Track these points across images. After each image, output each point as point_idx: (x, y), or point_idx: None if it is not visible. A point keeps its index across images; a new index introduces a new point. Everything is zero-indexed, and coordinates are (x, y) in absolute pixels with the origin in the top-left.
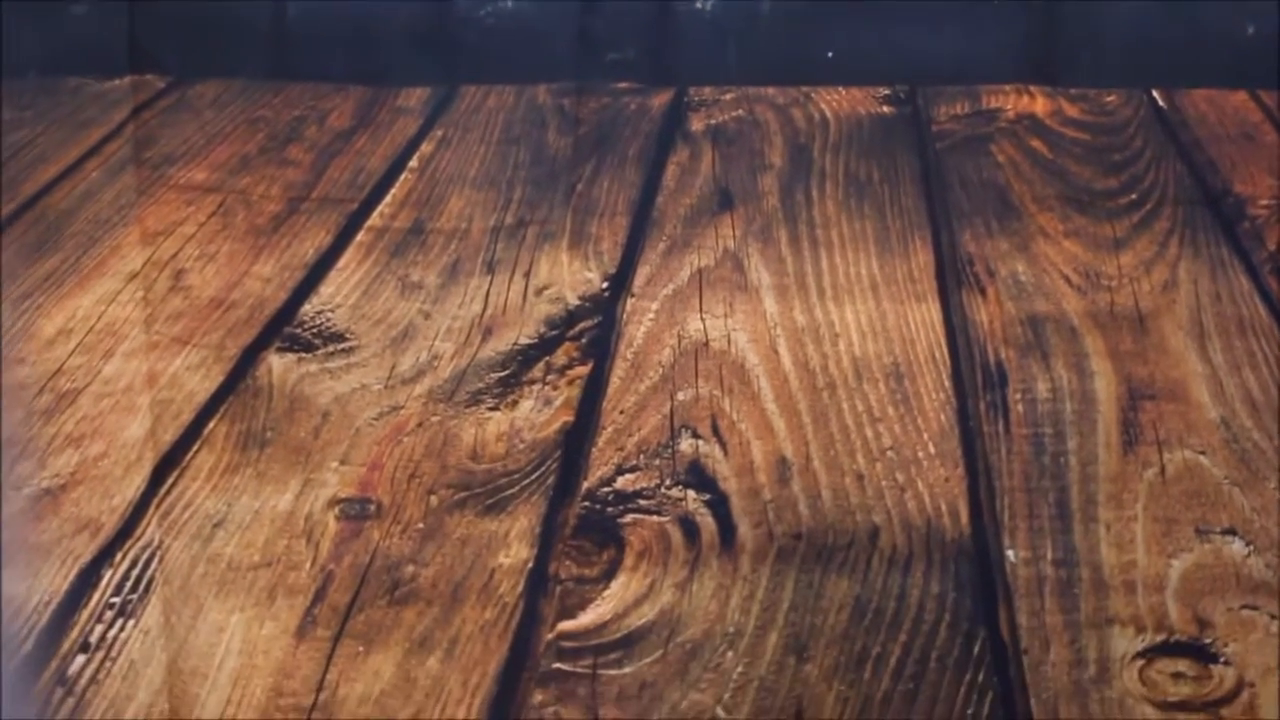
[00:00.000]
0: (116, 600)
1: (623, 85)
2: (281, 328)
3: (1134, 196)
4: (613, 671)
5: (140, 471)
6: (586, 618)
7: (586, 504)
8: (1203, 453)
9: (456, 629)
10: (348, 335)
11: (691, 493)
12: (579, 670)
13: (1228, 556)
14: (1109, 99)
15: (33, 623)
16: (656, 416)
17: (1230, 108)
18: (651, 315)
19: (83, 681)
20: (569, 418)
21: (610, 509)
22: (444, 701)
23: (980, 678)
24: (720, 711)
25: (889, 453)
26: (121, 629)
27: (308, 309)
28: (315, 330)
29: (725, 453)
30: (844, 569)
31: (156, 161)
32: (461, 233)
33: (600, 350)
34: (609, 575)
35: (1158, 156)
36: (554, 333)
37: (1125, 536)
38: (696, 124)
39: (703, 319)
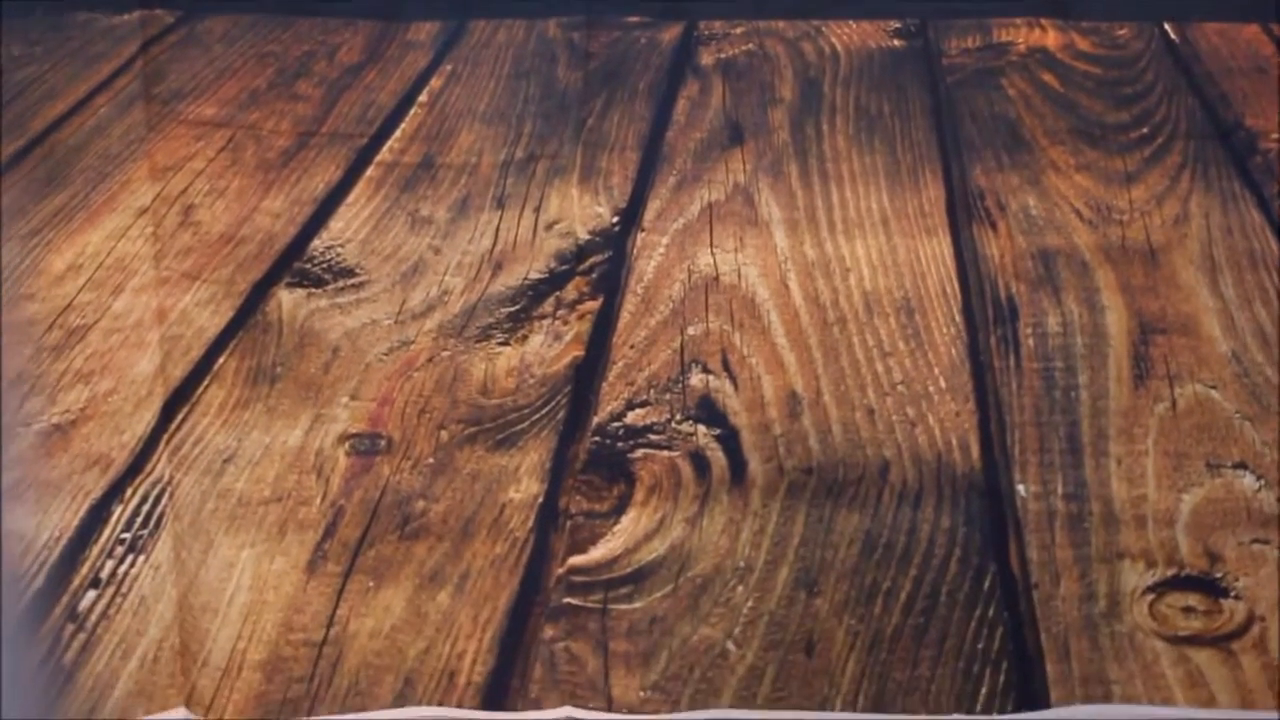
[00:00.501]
0: (127, 536)
1: (633, 19)
2: (291, 263)
3: (1145, 130)
4: (623, 606)
5: (150, 407)
6: (597, 552)
7: (597, 439)
8: (1214, 387)
9: (467, 564)
10: (358, 270)
11: (702, 427)
12: (589, 605)
13: (1238, 491)
14: (1120, 32)
15: (43, 559)
16: (667, 351)
17: (1242, 41)
18: (662, 250)
19: (93, 617)
20: (579, 352)
21: (620, 444)
22: (454, 636)
23: (990, 612)
24: (730, 645)
25: (899, 387)
26: (132, 565)
27: (317, 244)
28: (325, 265)
29: (735, 387)
30: (854, 504)
31: (166, 97)
32: (471, 167)
33: (610, 285)
34: (619, 510)
35: (1169, 90)
36: (564, 267)
37: (1136, 471)
38: (706, 58)
39: (713, 253)
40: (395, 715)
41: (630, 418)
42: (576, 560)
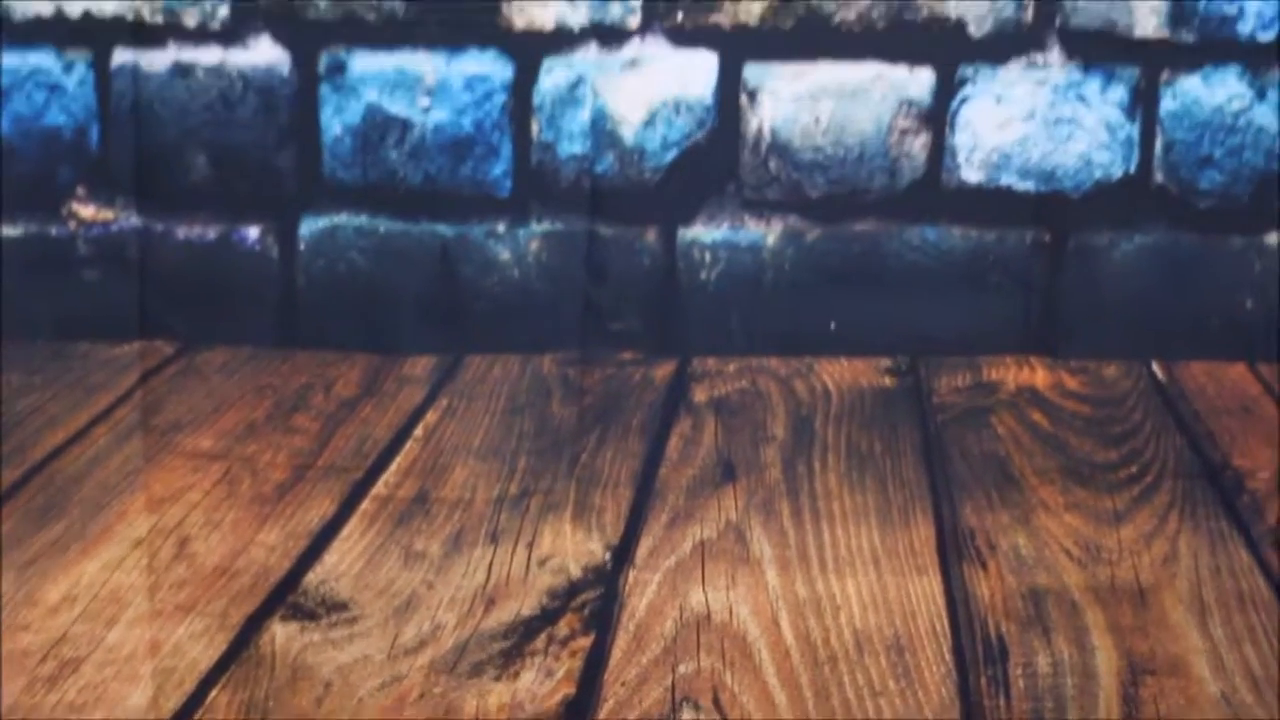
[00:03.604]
0: None
1: (627, 355)
2: (285, 596)
3: (1134, 469)
4: None
5: None
6: None
7: None
8: None
9: None
10: (351, 605)
11: None
12: None
13: None
14: (1109, 371)
15: None
16: (658, 689)
17: (1229, 380)
18: (654, 587)
19: None
20: (570, 690)
21: None
22: None
23: None
24: None
25: None
26: None
27: (312, 578)
28: (319, 599)
29: None
30: None
31: (164, 428)
32: (465, 503)
33: (602, 622)
34: None
35: (1157, 429)
36: (556, 604)
37: None
38: (700, 395)
39: (705, 591)
40: None
41: None
42: None
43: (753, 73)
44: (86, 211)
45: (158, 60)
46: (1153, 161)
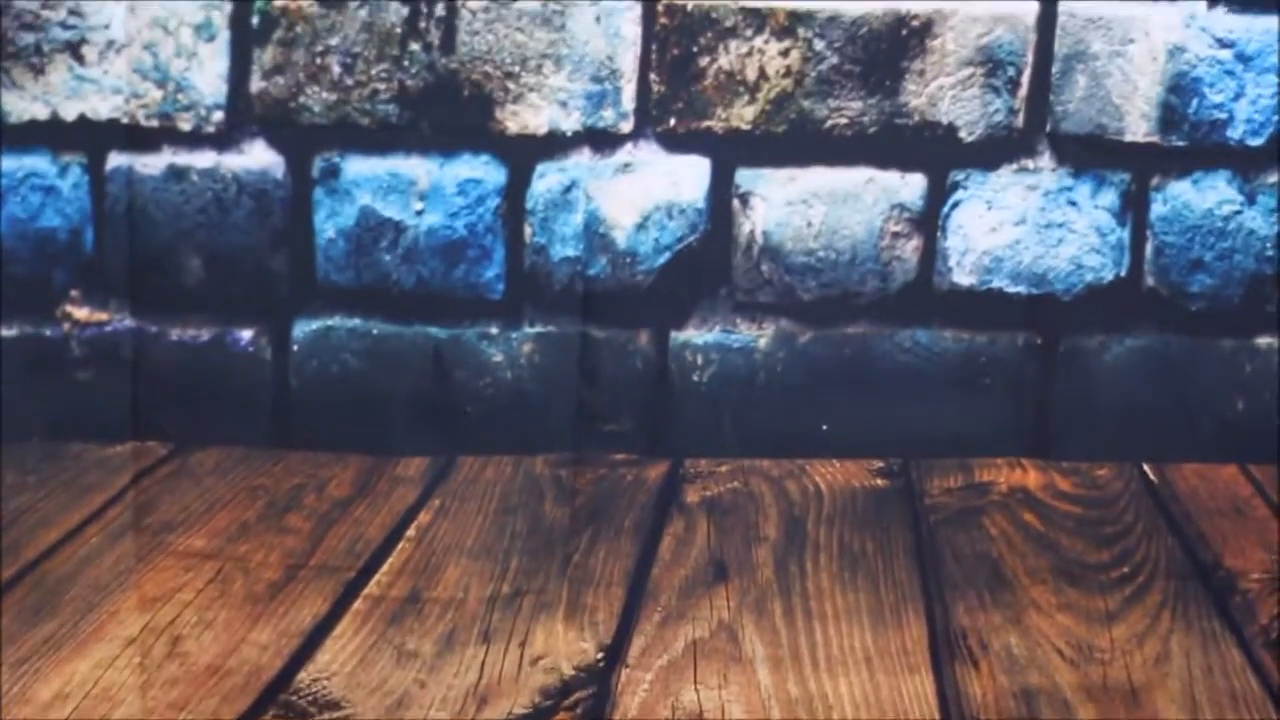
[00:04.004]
0: None
1: (619, 456)
2: (277, 695)
3: (1126, 570)
4: None
5: None
6: None
7: None
8: None
9: None
10: (343, 703)
11: None
12: None
13: None
14: (1100, 472)
15: None
16: None
17: (1220, 481)
18: (646, 686)
19: None
20: None
21: None
22: None
23: None
24: None
25: None
26: None
27: (304, 676)
28: (311, 698)
29: None
30: None
31: (156, 527)
32: (458, 602)
33: None
34: None
35: (1149, 530)
36: (548, 703)
37: None
38: (692, 495)
39: (697, 690)
40: None
41: None
42: None
43: (745, 177)
44: (81, 313)
45: (152, 164)
46: (1143, 265)
